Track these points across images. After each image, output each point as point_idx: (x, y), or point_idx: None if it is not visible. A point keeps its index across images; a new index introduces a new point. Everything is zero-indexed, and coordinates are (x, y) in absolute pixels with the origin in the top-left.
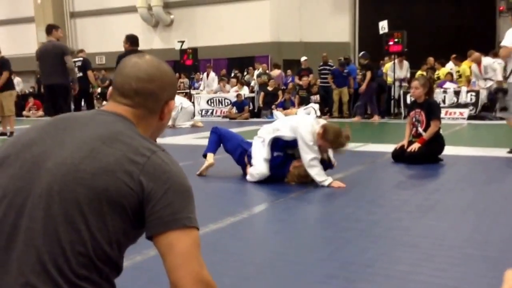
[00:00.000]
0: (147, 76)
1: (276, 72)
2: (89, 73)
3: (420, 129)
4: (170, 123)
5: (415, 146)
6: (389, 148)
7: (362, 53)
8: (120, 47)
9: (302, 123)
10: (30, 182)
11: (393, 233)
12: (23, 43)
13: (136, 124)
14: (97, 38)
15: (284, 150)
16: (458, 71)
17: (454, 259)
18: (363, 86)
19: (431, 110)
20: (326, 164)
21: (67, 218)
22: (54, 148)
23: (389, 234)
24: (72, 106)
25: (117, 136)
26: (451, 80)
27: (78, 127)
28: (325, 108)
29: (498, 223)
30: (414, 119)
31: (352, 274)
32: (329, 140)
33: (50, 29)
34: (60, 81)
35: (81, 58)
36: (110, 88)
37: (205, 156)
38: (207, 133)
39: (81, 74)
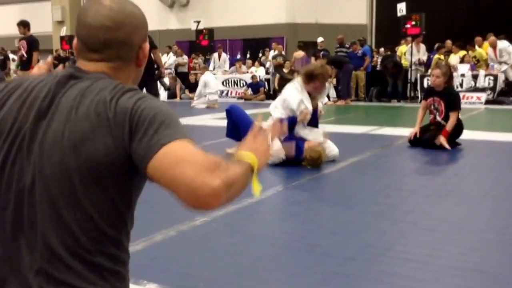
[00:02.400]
0: (114, 23)
1: (300, 54)
2: None
3: (439, 118)
4: (195, 97)
5: (442, 141)
6: (405, 132)
7: (322, 53)
8: None
9: (288, 94)
10: (21, 166)
11: (411, 216)
12: (39, 21)
13: (114, 77)
14: None
15: (291, 130)
16: (475, 56)
17: (474, 243)
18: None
19: (453, 101)
20: (315, 117)
21: (67, 199)
22: (35, 124)
23: (407, 217)
24: None
25: (90, 99)
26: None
27: (58, 104)
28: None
29: None
30: (432, 107)
31: (371, 256)
32: (309, 77)
33: None
34: None
35: None
36: (75, 41)
37: (228, 136)
38: (222, 114)
39: None
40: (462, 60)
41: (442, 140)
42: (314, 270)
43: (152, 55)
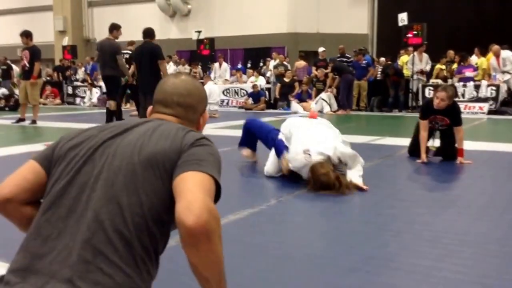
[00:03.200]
0: (187, 91)
1: (301, 64)
2: (132, 66)
3: (443, 127)
4: None
5: (462, 161)
6: (406, 142)
7: (329, 58)
8: (137, 37)
9: (294, 146)
10: (92, 163)
11: (414, 227)
12: (40, 31)
13: None
14: None
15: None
16: (476, 64)
17: (476, 255)
18: (335, 84)
19: (457, 117)
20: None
21: (126, 185)
22: (114, 139)
23: (410, 228)
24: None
25: (166, 126)
26: (469, 66)
27: (132, 126)
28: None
29: None
30: (437, 125)
31: (373, 268)
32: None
33: (112, 28)
34: (111, 73)
35: (129, 51)
36: (150, 108)
37: (241, 145)
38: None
39: (127, 66)
40: None
41: (461, 161)
42: (315, 282)
43: (159, 65)
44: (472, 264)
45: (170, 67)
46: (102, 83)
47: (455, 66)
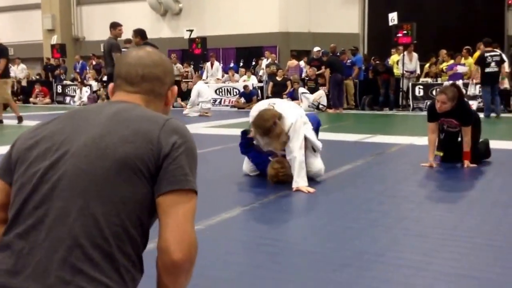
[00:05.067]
0: (152, 62)
1: (293, 63)
2: None
3: (453, 130)
4: (188, 105)
5: (468, 165)
6: (398, 140)
7: (322, 50)
8: (127, 36)
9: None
10: (56, 167)
11: (404, 223)
12: (29, 30)
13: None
14: (103, 26)
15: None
16: (464, 64)
17: (464, 249)
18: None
19: (465, 117)
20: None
21: (99, 193)
22: (75, 135)
23: (400, 224)
24: None
25: (131, 113)
26: (459, 64)
27: (93, 116)
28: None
29: (506, 214)
30: (445, 125)
31: (365, 263)
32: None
33: (110, 27)
34: (109, 71)
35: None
36: (111, 85)
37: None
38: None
39: None
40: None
41: (467, 164)
42: (308, 277)
43: None
44: (460, 258)
45: None
46: (92, 82)
47: (444, 65)
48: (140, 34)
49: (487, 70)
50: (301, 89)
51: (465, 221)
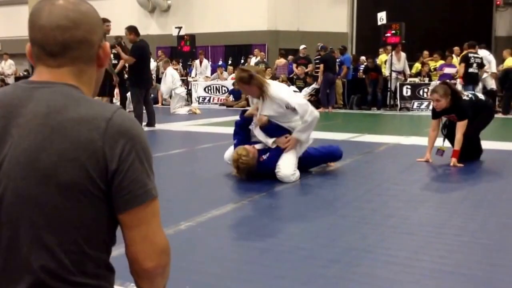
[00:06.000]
0: (72, 22)
1: (282, 61)
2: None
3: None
4: (165, 95)
5: (455, 163)
6: (385, 139)
7: (320, 45)
8: (116, 32)
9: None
10: None
11: (392, 221)
12: (17, 25)
13: (78, 84)
14: None
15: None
16: (455, 65)
17: (451, 246)
18: (319, 78)
19: (461, 111)
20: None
21: (49, 223)
22: (3, 145)
23: (388, 222)
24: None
25: (65, 116)
26: (449, 64)
27: (18, 110)
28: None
29: (493, 212)
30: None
31: (353, 259)
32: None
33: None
34: None
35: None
36: (28, 46)
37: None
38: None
39: (116, 61)
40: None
41: (454, 163)
42: (298, 272)
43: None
44: (447, 255)
45: (151, 63)
46: None
47: (433, 65)
48: (134, 30)
49: (470, 70)
50: (291, 87)
51: (452, 220)
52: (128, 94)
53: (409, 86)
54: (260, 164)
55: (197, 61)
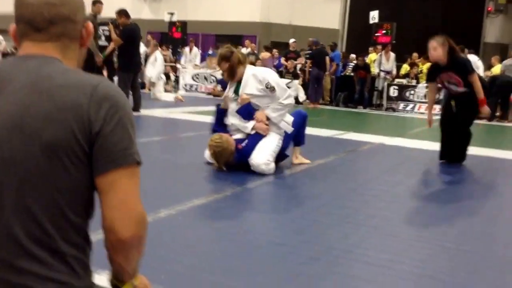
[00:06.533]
0: (57, 0)
1: (266, 55)
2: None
3: (460, 89)
4: (154, 79)
5: (486, 112)
6: (369, 138)
7: (314, 40)
8: (107, 14)
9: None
10: None
11: (374, 221)
12: (3, 1)
13: (63, 59)
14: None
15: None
16: None
17: (432, 250)
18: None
19: (464, 68)
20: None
21: (33, 184)
22: None
23: (370, 222)
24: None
25: (51, 81)
26: None
27: (4, 84)
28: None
29: (475, 219)
30: (446, 83)
31: (333, 258)
32: None
33: (92, 3)
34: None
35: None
36: (13, 26)
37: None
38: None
39: (107, 43)
40: None
41: (485, 110)
42: (277, 268)
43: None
44: (427, 259)
45: (141, 48)
46: None
47: (425, 66)
48: (124, 14)
49: None
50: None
51: (434, 224)
52: (115, 78)
53: (396, 87)
54: (239, 152)
55: (187, 48)
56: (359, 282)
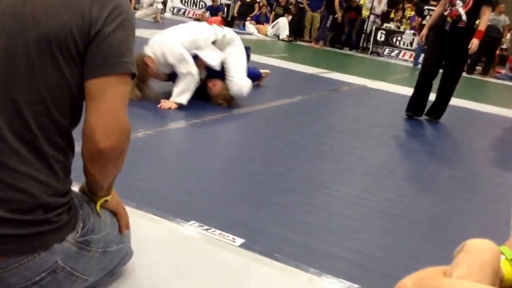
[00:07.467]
0: None
1: None
2: None
3: (462, 10)
4: (145, 5)
5: (475, 44)
6: (352, 79)
7: None
8: None
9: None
10: None
11: (349, 159)
12: None
13: None
14: None
15: None
16: None
17: (401, 191)
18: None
19: None
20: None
21: (21, 76)
22: None
23: (345, 159)
24: None
25: None
26: None
27: None
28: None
29: (445, 164)
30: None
31: (307, 190)
32: None
33: None
34: None
35: None
36: None
37: None
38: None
39: None
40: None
41: (476, 43)
42: (251, 195)
43: None
44: (395, 199)
45: None
46: None
47: (407, 13)
48: None
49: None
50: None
51: (405, 166)
52: None
53: (384, 32)
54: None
55: None
56: (328, 215)
